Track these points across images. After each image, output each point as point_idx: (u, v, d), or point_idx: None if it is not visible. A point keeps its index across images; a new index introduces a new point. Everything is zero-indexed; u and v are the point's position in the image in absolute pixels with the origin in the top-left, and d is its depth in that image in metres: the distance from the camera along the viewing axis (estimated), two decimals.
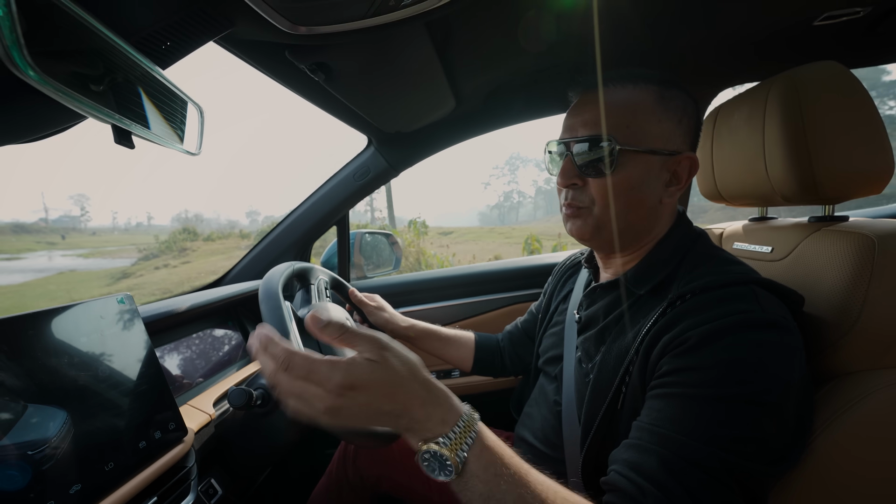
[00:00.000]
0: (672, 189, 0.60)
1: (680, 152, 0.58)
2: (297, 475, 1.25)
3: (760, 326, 0.45)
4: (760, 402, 0.42)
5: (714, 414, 0.43)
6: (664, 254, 0.60)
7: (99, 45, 0.40)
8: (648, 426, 0.45)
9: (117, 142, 0.42)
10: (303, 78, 0.73)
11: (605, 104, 0.57)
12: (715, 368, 0.44)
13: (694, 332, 0.46)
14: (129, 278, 18.91)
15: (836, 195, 0.62)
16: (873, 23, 0.93)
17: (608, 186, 0.57)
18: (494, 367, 0.95)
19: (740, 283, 0.50)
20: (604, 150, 0.56)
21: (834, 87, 0.60)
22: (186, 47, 0.51)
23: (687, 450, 0.42)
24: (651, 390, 0.48)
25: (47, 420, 0.49)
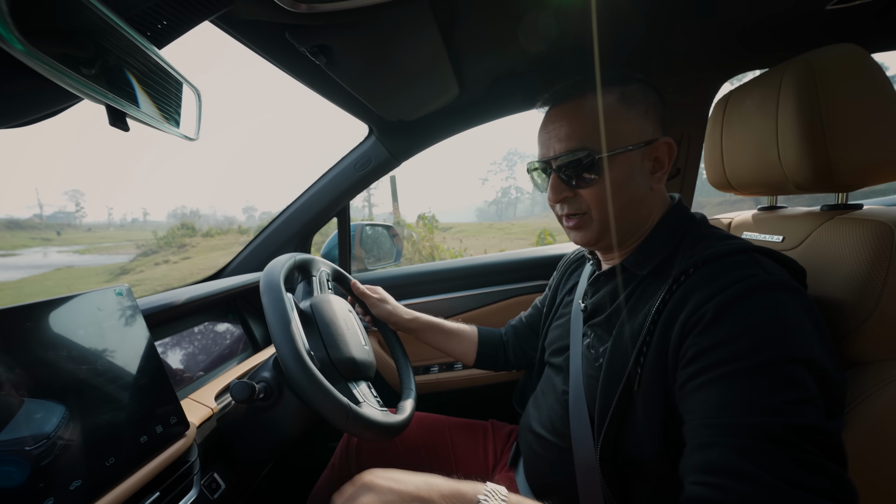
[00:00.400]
0: (658, 174, 0.62)
1: (655, 139, 0.60)
2: (299, 469, 1.24)
3: (770, 287, 0.46)
4: (797, 358, 0.42)
5: (759, 383, 0.42)
6: (661, 236, 0.61)
7: (91, 20, 0.37)
8: (703, 421, 0.44)
9: (112, 123, 0.40)
10: (303, 62, 0.70)
11: (576, 115, 0.60)
12: (741, 338, 0.44)
13: (709, 304, 0.47)
14: (128, 274, 18.85)
15: (852, 182, 0.61)
16: (887, 6, 0.91)
17: (599, 192, 0.60)
18: (497, 361, 0.95)
19: (740, 252, 0.51)
20: (586, 161, 0.58)
21: (852, 70, 0.58)
22: (183, 25, 0.49)
23: (747, 430, 0.40)
24: (688, 382, 0.47)
25: (46, 415, 0.48)
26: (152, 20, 0.46)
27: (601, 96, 0.59)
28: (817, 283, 0.59)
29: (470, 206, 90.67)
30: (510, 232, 18.95)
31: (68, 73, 0.32)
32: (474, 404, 1.31)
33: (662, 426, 0.52)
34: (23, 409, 0.46)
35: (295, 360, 0.58)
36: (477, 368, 0.96)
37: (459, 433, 0.92)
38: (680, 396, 0.48)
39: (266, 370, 0.72)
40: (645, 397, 0.52)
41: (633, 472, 0.56)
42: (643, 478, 0.56)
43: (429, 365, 1.34)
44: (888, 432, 0.50)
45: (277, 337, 0.60)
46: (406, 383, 0.86)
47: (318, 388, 0.57)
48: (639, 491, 0.56)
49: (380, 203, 33.93)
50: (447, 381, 1.31)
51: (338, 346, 0.71)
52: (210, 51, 32.28)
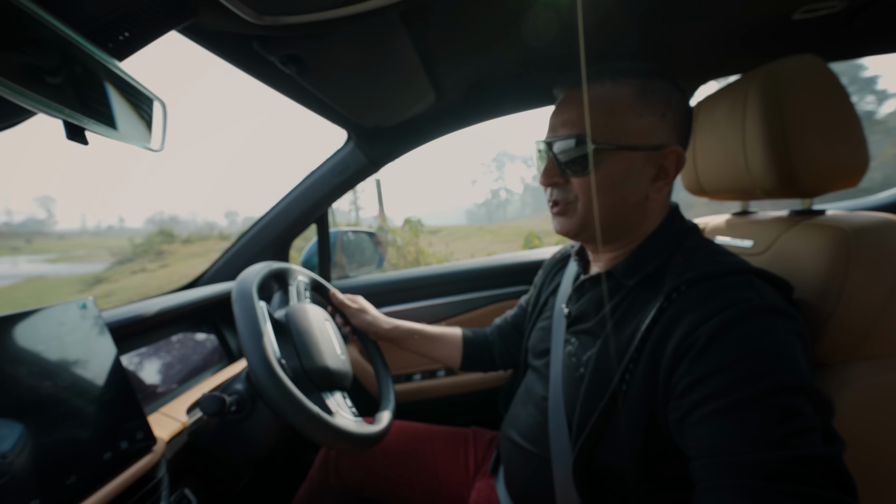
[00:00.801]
0: (659, 184, 0.59)
1: (666, 146, 0.57)
2: (277, 481, 1.22)
3: (764, 313, 0.45)
4: (795, 386, 0.41)
5: (760, 416, 0.40)
6: (655, 247, 0.59)
7: (46, 35, 0.37)
8: (709, 460, 0.43)
9: (69, 137, 0.39)
10: (274, 71, 0.70)
11: (589, 101, 0.57)
12: (737, 366, 0.43)
13: (702, 329, 0.45)
14: (103, 283, 18.17)
15: (814, 188, 0.63)
16: (851, 16, 0.94)
17: (589, 184, 0.57)
18: (484, 362, 0.94)
19: (736, 273, 0.50)
20: (581, 149, 0.56)
21: (812, 81, 0.60)
22: (145, 38, 0.48)
23: (754, 468, 0.39)
24: (688, 415, 0.45)
25: (2, 433, 0.46)
26: (112, 33, 0.46)
27: (614, 87, 0.56)
28: None
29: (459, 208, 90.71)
30: (500, 234, 19.03)
31: (22, 92, 0.32)
32: (457, 412, 1.31)
33: (644, 442, 0.51)
34: None
35: (265, 371, 0.57)
36: (465, 371, 0.95)
37: (441, 441, 0.92)
38: (678, 429, 0.47)
39: (239, 382, 0.71)
40: (628, 414, 0.51)
41: (610, 484, 0.56)
42: (620, 491, 0.56)
43: (411, 373, 1.33)
44: (848, 433, 0.53)
45: (248, 347, 0.59)
46: (385, 394, 0.85)
47: (289, 399, 0.56)
48: (616, 503, 0.56)
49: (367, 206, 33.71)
50: (429, 388, 1.31)
51: (311, 356, 0.70)
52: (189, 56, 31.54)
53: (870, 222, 0.56)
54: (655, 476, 0.53)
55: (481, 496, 0.77)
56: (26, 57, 0.35)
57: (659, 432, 0.50)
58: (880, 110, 33.09)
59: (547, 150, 0.61)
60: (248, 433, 0.70)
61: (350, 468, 0.89)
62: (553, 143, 0.59)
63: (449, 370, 1.34)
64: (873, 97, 34.00)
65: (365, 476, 0.89)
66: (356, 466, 0.89)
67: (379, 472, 0.88)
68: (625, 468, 0.53)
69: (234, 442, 0.71)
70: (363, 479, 0.89)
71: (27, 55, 0.35)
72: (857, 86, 33.74)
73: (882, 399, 0.53)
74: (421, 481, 0.88)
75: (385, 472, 0.88)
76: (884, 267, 0.53)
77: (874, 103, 33.66)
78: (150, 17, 0.47)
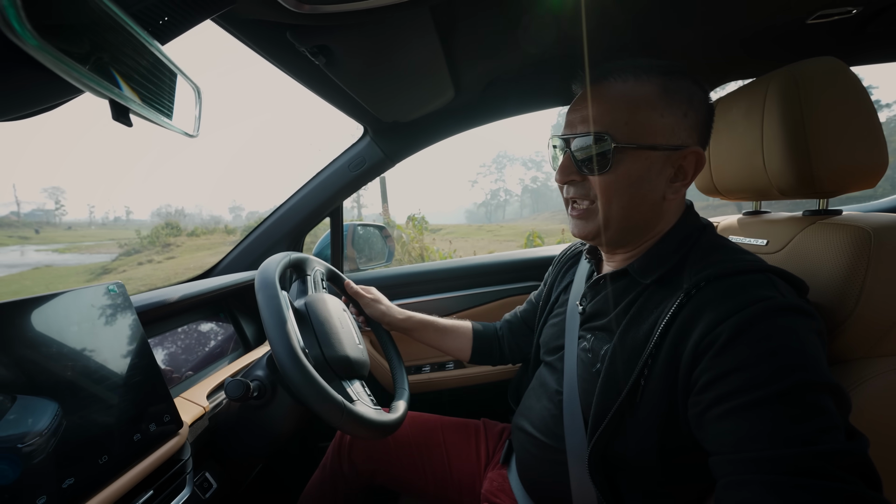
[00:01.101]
0: (677, 184, 0.58)
1: (685, 146, 0.56)
2: (290, 468, 1.23)
3: (786, 311, 0.45)
4: (818, 384, 0.41)
5: (783, 412, 0.41)
6: (671, 245, 0.59)
7: (98, 15, 0.37)
8: (731, 456, 0.43)
9: (115, 118, 0.40)
10: (302, 62, 0.71)
11: (605, 99, 0.56)
12: (760, 363, 0.43)
13: (723, 325, 0.45)
14: (110, 274, 18.33)
15: (832, 189, 0.63)
16: (864, 22, 0.95)
17: (607, 183, 0.57)
18: (493, 356, 0.95)
19: (757, 271, 0.50)
20: (601, 147, 0.55)
21: (833, 82, 0.61)
22: (186, 23, 0.49)
23: (776, 464, 0.39)
24: (708, 410, 0.45)
25: (38, 412, 0.47)
26: (155, 16, 0.47)
27: (637, 84, 0.55)
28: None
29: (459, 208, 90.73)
30: (499, 234, 19.04)
31: (77, 68, 0.32)
32: (466, 403, 1.32)
33: (662, 435, 0.51)
34: (15, 407, 0.45)
35: (290, 359, 0.58)
36: (474, 364, 0.96)
37: (452, 432, 0.93)
38: (697, 423, 0.47)
39: (259, 368, 0.72)
40: (647, 408, 0.52)
41: (627, 475, 0.57)
42: (637, 481, 0.56)
43: (421, 364, 1.34)
44: (867, 428, 0.53)
45: (273, 335, 0.60)
46: (399, 383, 0.86)
47: (314, 386, 0.57)
48: (632, 495, 0.57)
49: (369, 204, 33.71)
50: (439, 380, 1.32)
51: (332, 345, 0.71)
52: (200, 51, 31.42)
53: (889, 222, 0.57)
54: (673, 467, 0.53)
55: (494, 486, 0.78)
56: (82, 36, 0.36)
57: (678, 426, 0.50)
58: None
59: (564, 146, 0.60)
60: (268, 419, 0.71)
61: (362, 456, 0.90)
62: (571, 140, 0.58)
63: (458, 362, 1.35)
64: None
65: (377, 464, 0.90)
66: (368, 455, 0.90)
67: (390, 461, 0.89)
68: (642, 460, 0.54)
69: (254, 426, 0.72)
70: (375, 467, 0.90)
71: (83, 35, 0.36)
72: None
73: None
74: (432, 470, 0.89)
75: (396, 461, 0.89)
76: None
77: None
78: (191, 2, 0.47)
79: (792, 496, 0.38)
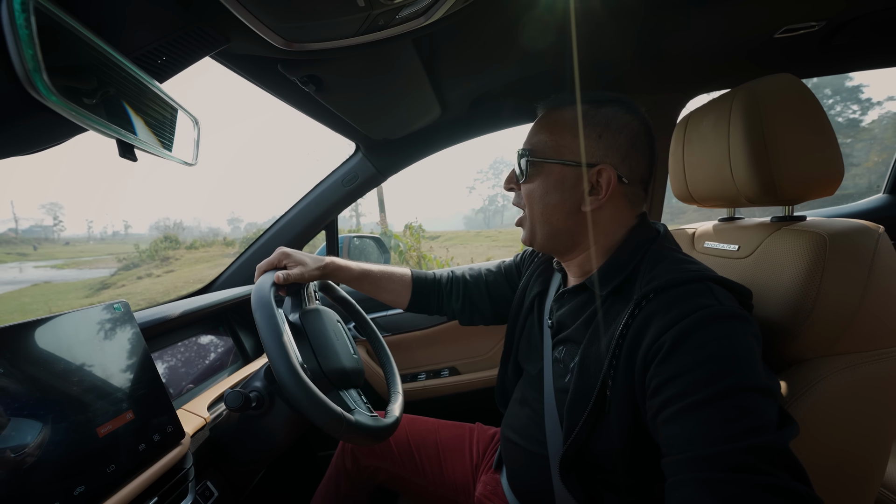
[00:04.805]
0: (594, 197, 0.62)
1: (596, 164, 0.62)
2: (292, 477, 1.26)
3: (721, 318, 0.48)
4: (750, 386, 0.44)
5: (717, 414, 0.44)
6: (622, 257, 0.63)
7: (104, 63, 0.42)
8: (674, 457, 0.46)
9: (122, 155, 0.44)
10: (294, 89, 0.75)
11: (542, 123, 0.67)
12: (698, 368, 0.46)
13: (667, 335, 0.49)
14: (109, 289, 18.28)
15: (793, 197, 0.67)
16: (827, 36, 1.00)
17: (527, 191, 0.67)
18: (431, 307, 0.94)
19: (696, 280, 0.53)
20: (524, 160, 0.66)
21: (789, 98, 0.65)
22: (183, 62, 0.53)
23: (710, 462, 0.42)
24: (658, 415, 0.49)
25: (53, 424, 0.51)
26: (155, 58, 0.51)
27: (561, 111, 0.65)
28: (766, 290, 0.64)
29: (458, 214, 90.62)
30: (498, 240, 19.06)
31: (89, 116, 0.36)
32: (460, 409, 1.35)
33: (631, 440, 0.55)
34: (27, 419, 0.49)
35: (290, 375, 0.60)
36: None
37: (446, 435, 0.96)
38: (654, 428, 0.50)
39: (258, 380, 0.75)
40: (614, 415, 0.55)
41: (601, 478, 0.60)
42: (610, 483, 0.59)
43: (416, 373, 1.38)
44: (821, 425, 0.56)
45: (272, 353, 0.62)
46: (393, 386, 0.89)
47: (314, 401, 0.60)
48: (608, 496, 0.60)
49: (367, 213, 33.73)
50: (434, 388, 1.35)
51: (328, 357, 0.74)
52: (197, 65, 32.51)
53: (845, 228, 0.60)
54: (644, 468, 0.56)
55: (487, 489, 0.81)
56: (91, 84, 0.40)
57: (644, 430, 0.54)
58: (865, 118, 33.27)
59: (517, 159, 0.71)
60: (266, 428, 0.74)
61: (365, 456, 0.94)
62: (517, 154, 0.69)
63: (452, 370, 1.38)
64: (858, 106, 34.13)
65: (378, 464, 0.94)
66: (370, 455, 0.94)
67: (390, 461, 0.93)
68: (615, 463, 0.57)
69: (252, 436, 0.75)
70: (377, 466, 0.94)
71: (91, 82, 0.40)
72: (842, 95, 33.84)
73: (856, 391, 0.57)
74: (430, 469, 0.92)
75: (395, 461, 0.93)
76: (857, 269, 0.57)
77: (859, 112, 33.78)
78: (188, 44, 0.52)
79: (722, 491, 0.40)
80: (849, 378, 0.57)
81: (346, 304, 0.97)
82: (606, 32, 0.90)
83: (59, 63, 0.34)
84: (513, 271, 0.94)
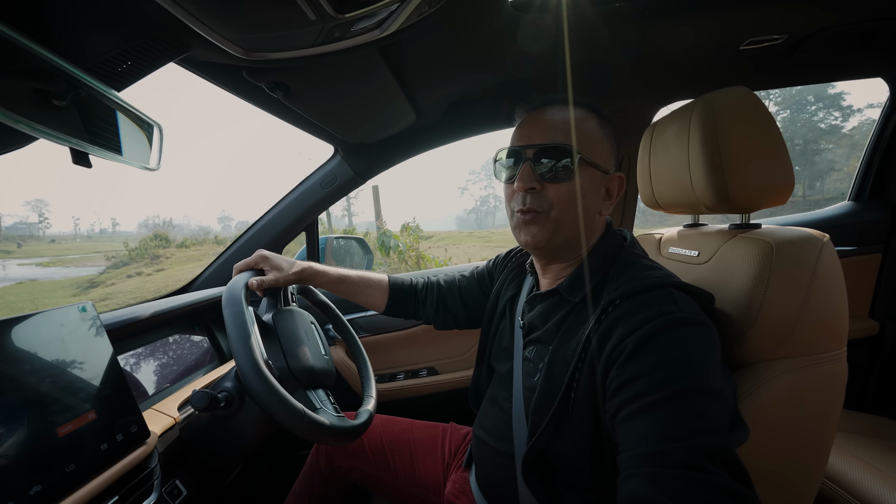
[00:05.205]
0: (606, 203, 0.67)
1: (612, 171, 0.66)
2: (267, 476, 1.26)
3: (680, 324, 0.51)
4: (703, 389, 0.47)
5: (670, 414, 0.46)
6: (594, 262, 0.65)
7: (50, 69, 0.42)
8: (627, 454, 0.48)
9: (75, 162, 0.45)
10: (263, 94, 0.76)
11: (560, 119, 0.62)
12: (656, 371, 0.48)
13: (629, 339, 0.51)
14: (98, 287, 17.95)
15: (746, 205, 0.70)
16: (791, 49, 1.04)
17: (565, 192, 0.61)
18: (407, 311, 0.98)
19: (659, 287, 0.56)
20: (565, 157, 0.60)
21: (743, 110, 0.67)
22: (145, 69, 0.54)
23: (660, 458, 0.44)
24: (616, 414, 0.51)
25: (6, 424, 0.51)
26: (113, 66, 0.52)
27: (583, 112, 0.64)
28: (720, 295, 0.66)
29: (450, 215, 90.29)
30: (490, 240, 19.12)
31: (35, 126, 0.38)
32: (437, 409, 1.37)
33: (592, 439, 0.57)
34: None
35: (252, 371, 0.61)
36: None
37: (420, 434, 0.98)
38: (612, 427, 0.53)
39: (228, 380, 0.76)
40: (577, 415, 0.57)
41: (562, 476, 0.62)
42: (570, 481, 0.62)
43: (395, 373, 1.39)
44: (766, 424, 0.59)
45: (236, 347, 0.63)
46: (367, 390, 0.90)
47: (274, 396, 0.60)
48: (567, 493, 0.62)
49: (359, 212, 33.54)
50: (412, 387, 1.37)
51: (297, 356, 0.75)
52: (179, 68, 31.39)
53: (792, 237, 0.63)
54: (603, 466, 0.58)
55: (456, 487, 0.83)
56: (31, 90, 0.41)
57: (604, 431, 0.56)
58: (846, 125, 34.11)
59: (520, 157, 0.64)
60: (237, 428, 0.75)
61: (338, 456, 0.95)
62: (530, 150, 0.62)
63: (431, 370, 1.40)
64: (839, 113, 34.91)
65: (351, 464, 0.95)
66: (344, 455, 0.95)
67: (364, 460, 0.95)
68: (576, 460, 0.59)
69: (223, 436, 0.75)
70: (350, 466, 0.95)
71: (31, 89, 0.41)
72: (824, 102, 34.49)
73: (798, 393, 0.60)
74: (402, 469, 0.94)
75: (368, 461, 0.95)
76: (800, 277, 0.60)
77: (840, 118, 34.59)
78: (148, 52, 0.53)
79: (668, 486, 0.43)
80: (791, 381, 0.60)
81: (325, 308, 0.98)
82: (583, 44, 0.92)
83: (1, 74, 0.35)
84: (485, 277, 0.96)
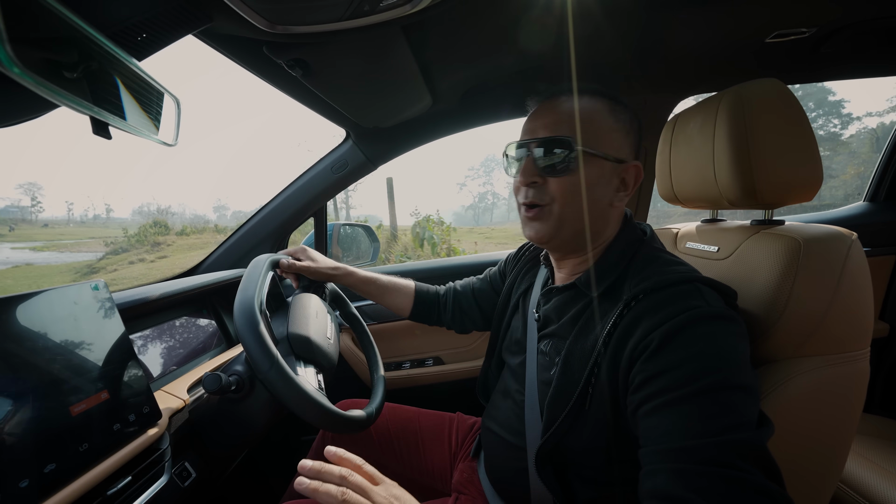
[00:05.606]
0: (621, 194, 0.64)
1: (627, 161, 0.63)
2: (272, 460, 1.26)
3: (708, 319, 0.50)
4: (732, 384, 0.46)
5: (698, 409, 0.45)
6: (613, 257, 0.64)
7: (76, 37, 0.41)
8: (652, 448, 0.47)
9: (95, 132, 0.43)
10: (281, 72, 0.74)
11: (565, 111, 0.61)
12: (683, 366, 0.47)
13: (655, 333, 0.50)
14: (99, 273, 17.88)
15: (772, 201, 0.68)
16: (817, 43, 1.01)
17: (567, 186, 0.61)
18: (431, 317, 1.00)
19: (686, 282, 0.55)
20: (564, 150, 0.60)
21: (774, 103, 0.65)
22: (164, 40, 0.52)
23: (687, 454, 0.43)
24: (639, 408, 0.50)
25: (20, 400, 0.50)
26: (134, 35, 0.50)
27: (591, 101, 0.62)
28: (741, 291, 0.65)
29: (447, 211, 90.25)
30: (491, 237, 19.16)
31: (58, 91, 0.36)
32: (443, 398, 1.37)
33: (608, 433, 0.56)
34: (0, 395, 0.48)
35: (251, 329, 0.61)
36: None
37: (427, 423, 0.97)
38: (633, 422, 0.52)
39: (238, 364, 0.75)
40: (595, 410, 0.56)
41: (576, 470, 0.61)
42: (585, 475, 0.61)
43: (401, 361, 1.39)
44: (785, 423, 0.58)
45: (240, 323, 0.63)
46: (375, 382, 0.91)
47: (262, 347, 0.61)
48: (582, 488, 0.61)
49: (358, 206, 33.47)
50: (418, 376, 1.36)
51: (298, 325, 0.75)
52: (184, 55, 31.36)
53: (820, 234, 0.61)
54: (619, 461, 0.58)
55: (464, 477, 0.83)
56: (61, 58, 0.40)
57: (623, 423, 0.55)
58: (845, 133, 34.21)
59: (525, 152, 0.64)
60: (246, 412, 0.74)
61: (345, 443, 0.94)
62: (533, 145, 0.63)
63: (437, 359, 1.40)
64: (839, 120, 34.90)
65: (357, 450, 0.94)
66: (350, 442, 0.95)
67: (370, 447, 0.94)
68: (592, 455, 0.59)
69: (232, 419, 0.75)
70: (356, 452, 0.94)
71: (57, 54, 0.39)
72: (825, 109, 34.56)
73: (821, 392, 0.59)
74: (409, 457, 0.94)
75: (376, 448, 0.94)
76: (828, 274, 0.59)
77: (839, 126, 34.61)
78: (169, 21, 0.51)
79: (694, 482, 0.42)
80: (814, 380, 0.59)
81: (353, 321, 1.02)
82: (604, 31, 0.90)
83: (25, 34, 0.34)
84: (497, 278, 0.97)
